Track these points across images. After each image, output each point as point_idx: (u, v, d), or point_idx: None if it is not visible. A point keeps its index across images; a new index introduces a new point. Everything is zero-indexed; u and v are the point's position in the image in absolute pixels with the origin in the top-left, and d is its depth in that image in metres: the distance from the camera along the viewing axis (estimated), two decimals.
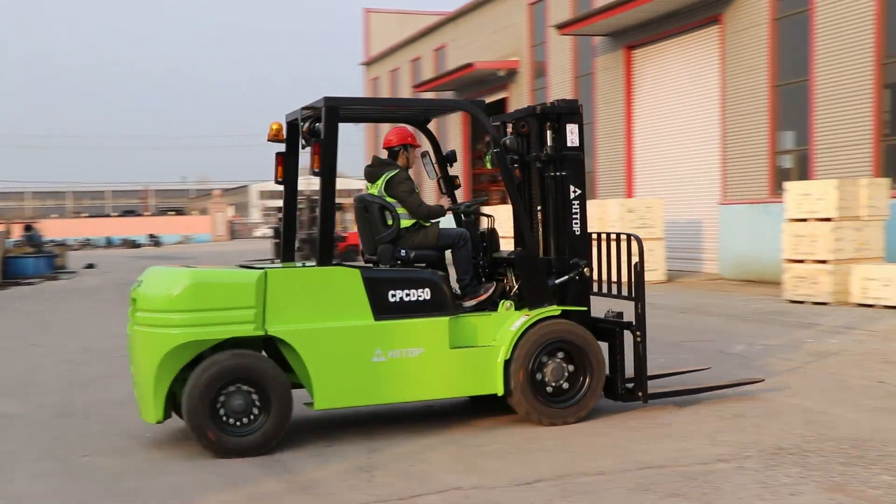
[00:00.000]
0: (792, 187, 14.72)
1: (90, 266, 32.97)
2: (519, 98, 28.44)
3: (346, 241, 25.96)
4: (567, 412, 6.78)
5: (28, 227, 32.56)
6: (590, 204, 19.94)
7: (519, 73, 28.43)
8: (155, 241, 67.32)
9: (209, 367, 6.08)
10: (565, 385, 6.84)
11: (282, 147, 7.22)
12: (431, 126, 7.86)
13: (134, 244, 66.36)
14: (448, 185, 7.73)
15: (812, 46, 16.77)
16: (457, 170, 7.86)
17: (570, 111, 7.19)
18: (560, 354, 6.83)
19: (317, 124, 6.57)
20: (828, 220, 13.82)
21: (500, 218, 7.97)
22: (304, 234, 25.11)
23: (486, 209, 7.99)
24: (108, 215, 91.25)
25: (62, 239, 50.18)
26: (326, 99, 6.55)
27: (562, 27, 23.19)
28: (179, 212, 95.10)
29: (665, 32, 21.26)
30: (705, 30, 20.04)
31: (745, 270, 17.92)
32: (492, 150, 6.94)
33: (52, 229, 57.07)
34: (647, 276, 8.60)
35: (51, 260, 28.76)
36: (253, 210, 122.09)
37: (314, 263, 6.61)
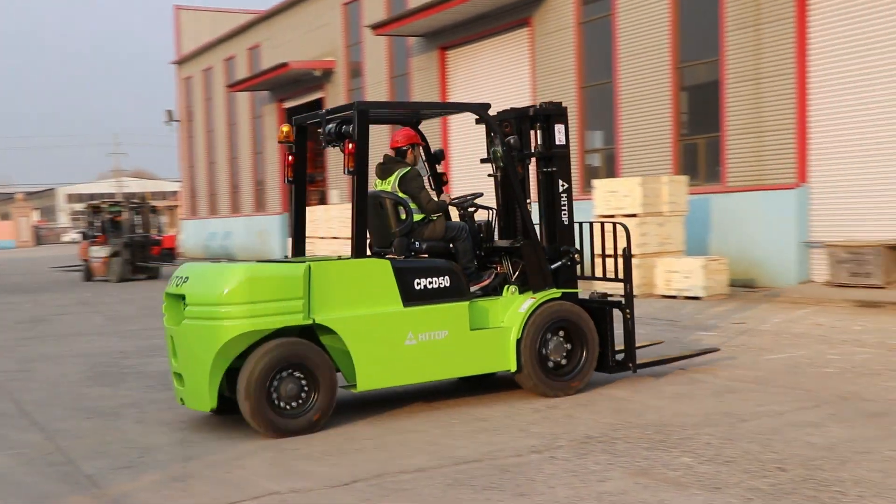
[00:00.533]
0: (600, 185, 15.31)
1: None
2: (335, 98, 28.36)
3: (162, 245, 25.18)
4: (568, 384, 7.50)
5: None
6: (345, 207, 20.19)
7: (335, 73, 28.35)
8: None
9: (263, 355, 6.47)
10: (564, 360, 7.54)
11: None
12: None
13: None
14: (437, 181, 8.25)
15: (615, 50, 17.49)
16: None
17: (557, 112, 7.92)
18: (560, 333, 7.54)
19: (344, 126, 7.14)
20: (633, 216, 14.44)
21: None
22: (126, 238, 24.26)
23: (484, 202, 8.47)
24: None
25: None
26: (358, 103, 7.12)
27: (376, 27, 23.27)
28: None
29: (478, 34, 21.69)
30: (516, 32, 20.57)
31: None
32: (498, 149, 7.55)
33: None
34: None
35: None
36: (60, 214, 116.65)
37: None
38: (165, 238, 24.95)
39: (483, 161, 8.24)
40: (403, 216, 7.54)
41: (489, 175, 8.32)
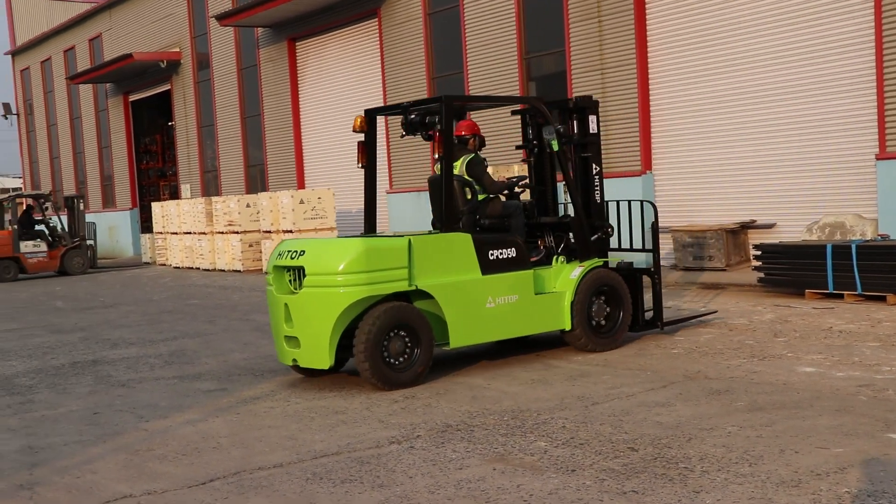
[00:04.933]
0: None
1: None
2: (183, 89, 27.70)
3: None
4: (610, 341, 8.59)
5: None
6: (260, 197, 19.90)
7: (182, 65, 27.67)
8: None
9: (377, 317, 7.35)
10: (604, 320, 8.61)
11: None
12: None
13: None
14: None
15: (463, 41, 17.67)
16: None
17: (591, 105, 9.01)
18: (601, 296, 8.60)
19: (428, 117, 8.16)
20: None
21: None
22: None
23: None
24: None
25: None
26: (446, 97, 8.05)
27: (222, 18, 22.84)
28: None
29: (326, 25, 21.56)
30: (364, 23, 20.54)
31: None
32: (552, 137, 8.40)
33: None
34: None
35: None
36: None
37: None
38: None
39: (518, 147, 9.66)
40: (469, 196, 8.50)
41: (523, 161, 9.28)
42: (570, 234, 8.80)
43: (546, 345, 8.86)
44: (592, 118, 9.01)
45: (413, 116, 8.31)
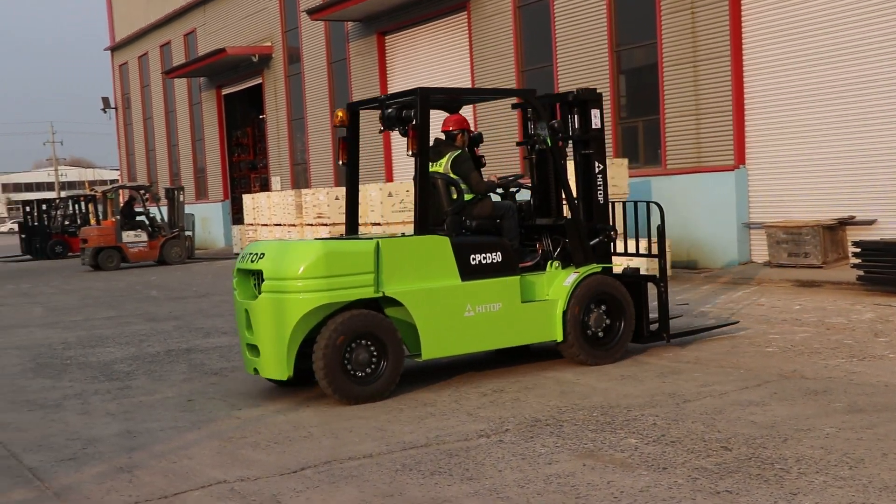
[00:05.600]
0: None
1: None
2: (274, 83, 28.12)
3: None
4: (608, 353, 7.96)
5: None
6: (286, 194, 20.08)
7: (273, 59, 28.07)
8: None
9: (338, 326, 6.85)
10: (603, 331, 8.00)
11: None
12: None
13: None
14: (475, 163, 8.45)
15: (553, 34, 17.55)
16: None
17: (593, 98, 8.39)
18: (601, 305, 7.98)
19: (404, 111, 7.48)
20: None
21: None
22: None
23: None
24: None
25: None
26: (421, 89, 7.48)
27: (313, 12, 23.08)
28: None
29: (416, 18, 21.63)
30: (454, 16, 20.55)
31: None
32: (544, 132, 7.97)
33: None
34: None
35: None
36: None
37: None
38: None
39: (519, 144, 8.76)
40: (455, 196, 7.96)
41: (525, 158, 8.65)
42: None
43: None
44: (595, 112, 8.40)
45: (390, 110, 7.65)
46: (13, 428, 6.81)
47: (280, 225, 22.77)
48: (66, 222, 32.39)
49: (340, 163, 8.21)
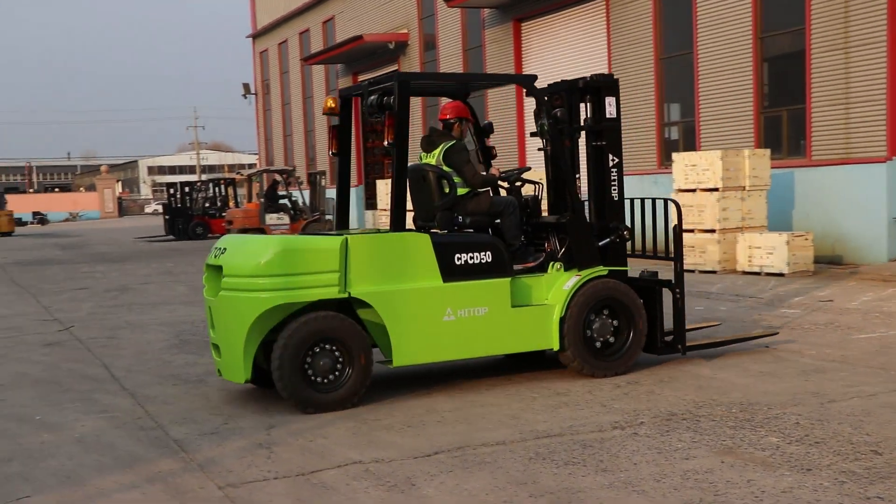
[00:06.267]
0: (679, 158, 15.04)
1: None
2: (409, 70, 28.32)
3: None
4: (613, 365, 7.30)
5: None
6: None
7: (409, 46, 28.31)
8: (41, 218, 64.65)
9: (298, 328, 6.42)
10: (611, 340, 7.34)
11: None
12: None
13: (19, 222, 63.60)
14: (486, 155, 8.08)
15: (694, 20, 17.13)
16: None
17: (608, 85, 7.66)
18: (606, 311, 7.33)
19: (385, 98, 6.95)
20: (714, 190, 14.18)
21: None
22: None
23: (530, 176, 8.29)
24: None
25: None
26: (399, 74, 6.97)
27: (450, 0, 23.14)
28: (65, 188, 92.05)
29: (553, 5, 21.43)
30: (591, 3, 20.27)
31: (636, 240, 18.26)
32: (545, 122, 7.36)
33: None
34: None
35: None
36: (143, 186, 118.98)
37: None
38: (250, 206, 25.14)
39: (533, 135, 7.94)
40: (447, 190, 7.41)
41: (539, 149, 8.11)
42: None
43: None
44: (610, 100, 7.63)
45: (372, 97, 7.09)
46: (160, 401, 7.07)
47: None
48: (207, 204, 33.47)
49: (331, 153, 7.62)
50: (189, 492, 4.97)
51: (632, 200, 8.08)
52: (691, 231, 14.31)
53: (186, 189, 34.25)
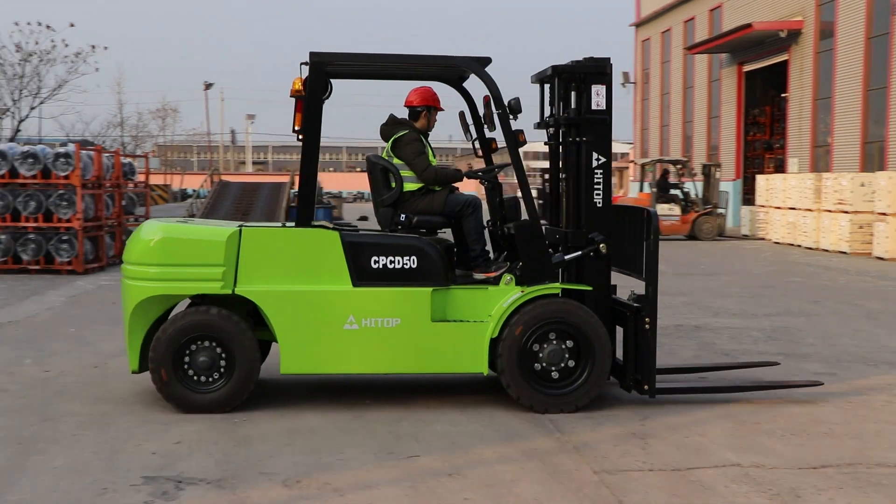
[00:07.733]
0: None
1: (363, 218, 34.41)
2: (801, 60, 26.93)
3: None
4: (563, 399, 6.20)
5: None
6: (877, 176, 18.60)
7: (802, 35, 26.86)
8: None
9: (174, 321, 6.16)
10: (561, 371, 6.23)
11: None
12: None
13: None
14: (485, 147, 7.09)
15: None
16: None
17: (597, 71, 6.47)
18: (557, 336, 6.23)
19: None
20: None
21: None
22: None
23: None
24: None
25: (338, 192, 52.11)
26: (312, 54, 6.27)
27: None
28: None
29: None
30: None
31: None
32: (494, 112, 6.37)
33: (328, 183, 59.40)
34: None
35: (328, 211, 30.24)
36: None
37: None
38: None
39: (537, 126, 7.00)
40: (393, 185, 6.63)
41: (545, 143, 7.07)
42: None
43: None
44: (599, 90, 6.40)
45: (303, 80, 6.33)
46: None
47: (794, 209, 21.92)
48: None
49: (295, 132, 6.39)
50: (564, 472, 5.02)
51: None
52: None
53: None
